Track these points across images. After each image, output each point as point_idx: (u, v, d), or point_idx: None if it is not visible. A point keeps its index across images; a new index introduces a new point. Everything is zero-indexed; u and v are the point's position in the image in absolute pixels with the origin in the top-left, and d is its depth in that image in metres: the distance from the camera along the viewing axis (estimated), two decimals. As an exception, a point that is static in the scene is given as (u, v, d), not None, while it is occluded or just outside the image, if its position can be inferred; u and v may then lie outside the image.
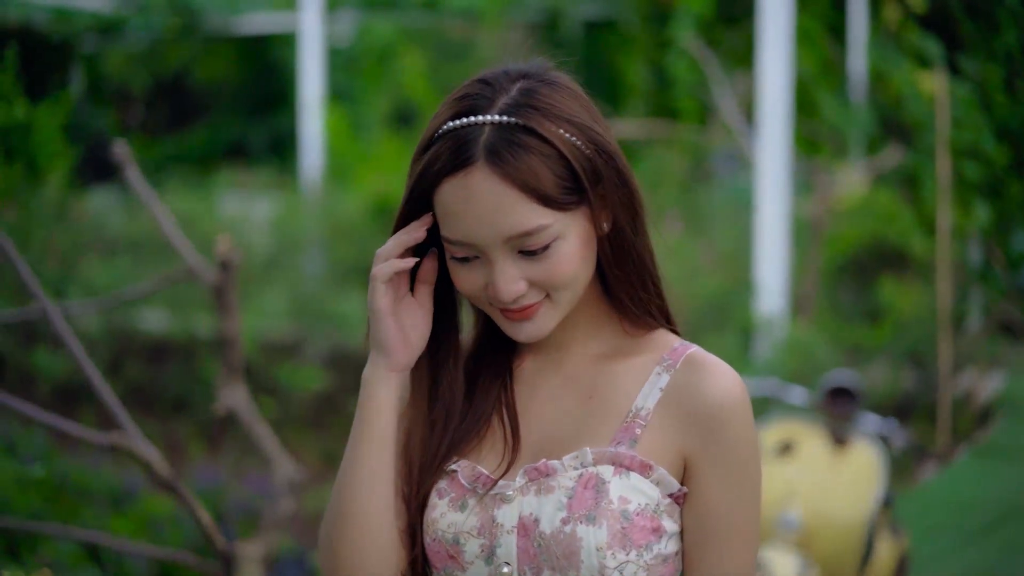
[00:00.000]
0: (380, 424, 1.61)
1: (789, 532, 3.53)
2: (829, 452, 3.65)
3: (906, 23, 7.38)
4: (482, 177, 1.52)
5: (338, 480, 1.62)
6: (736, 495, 1.57)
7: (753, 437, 1.58)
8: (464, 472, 1.61)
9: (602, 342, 1.65)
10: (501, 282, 1.55)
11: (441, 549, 1.60)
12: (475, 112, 1.55)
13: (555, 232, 1.54)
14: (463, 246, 1.56)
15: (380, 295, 1.60)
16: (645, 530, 1.54)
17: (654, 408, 1.58)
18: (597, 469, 1.55)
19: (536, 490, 1.58)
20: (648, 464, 1.56)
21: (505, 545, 1.57)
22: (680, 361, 1.59)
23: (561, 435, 1.61)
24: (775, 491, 3.60)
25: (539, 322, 1.58)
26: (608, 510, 1.53)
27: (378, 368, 1.62)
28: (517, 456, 1.61)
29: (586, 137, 1.55)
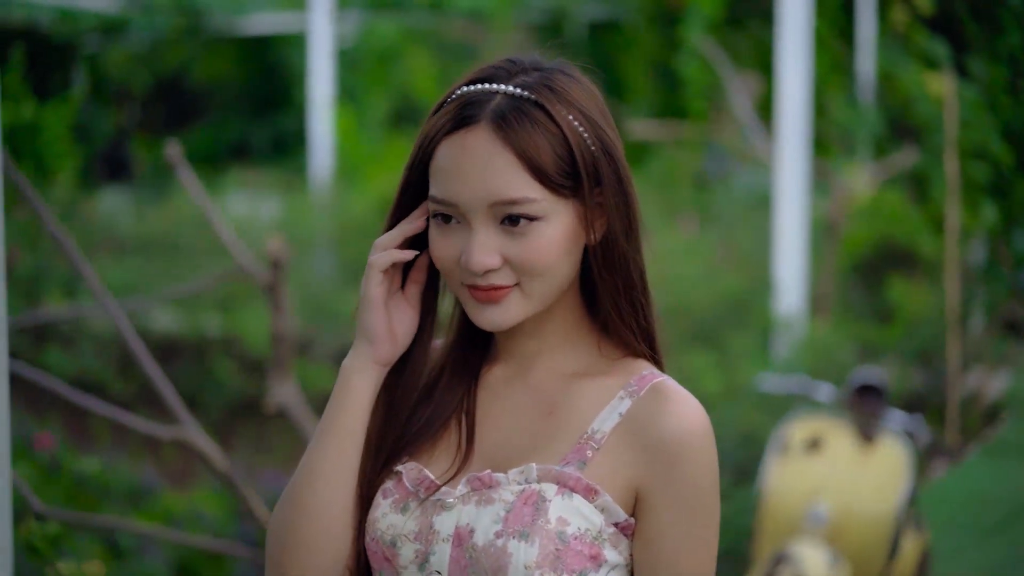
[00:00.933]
0: (352, 417, 1.58)
1: (818, 526, 3.60)
2: (856, 448, 3.72)
3: (914, 25, 7.44)
4: (482, 136, 1.51)
5: (302, 467, 1.58)
6: (688, 532, 1.50)
7: (712, 476, 1.52)
8: (409, 474, 1.58)
9: (573, 359, 1.60)
10: (476, 249, 1.51)
11: (379, 550, 1.57)
12: (491, 81, 1.54)
13: (541, 211, 1.51)
14: (447, 205, 1.53)
15: (375, 283, 1.58)
16: (581, 555, 1.50)
17: (610, 432, 1.53)
18: (540, 486, 1.51)
19: (477, 500, 1.54)
20: (594, 488, 1.51)
21: (439, 553, 1.54)
22: (645, 389, 1.55)
23: (514, 448, 1.57)
24: (803, 486, 3.67)
25: (505, 309, 1.54)
26: (544, 529, 1.49)
27: (360, 358, 1.58)
28: (467, 463, 1.58)
29: (594, 133, 1.53)
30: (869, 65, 7.46)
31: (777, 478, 3.72)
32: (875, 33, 7.58)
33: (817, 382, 4.01)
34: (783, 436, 3.81)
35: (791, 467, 3.71)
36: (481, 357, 1.65)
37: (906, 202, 7.08)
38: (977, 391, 6.60)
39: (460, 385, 1.63)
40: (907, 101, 7.25)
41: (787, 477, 3.71)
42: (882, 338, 6.21)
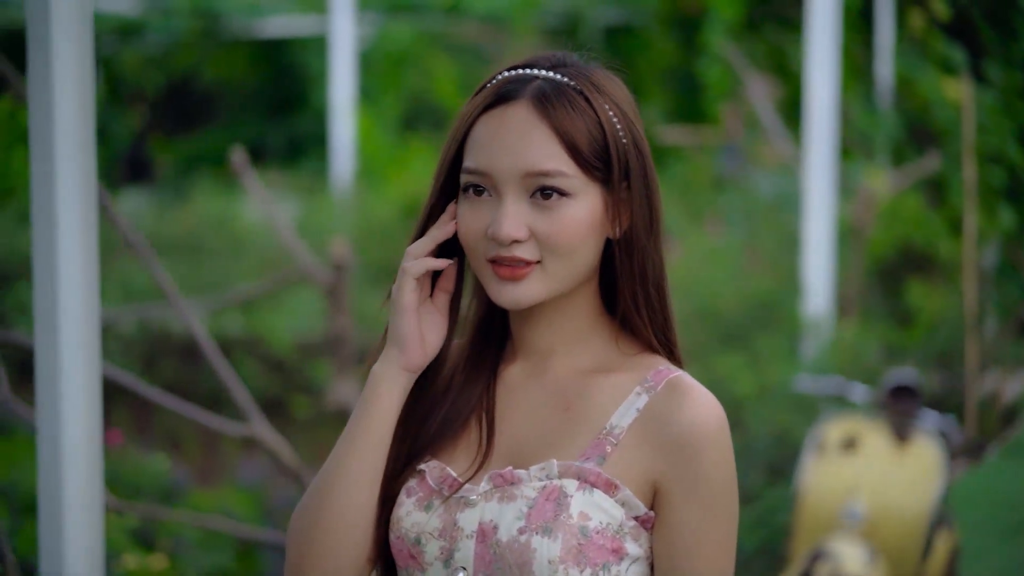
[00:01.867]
0: (381, 423, 1.60)
1: (854, 523, 3.69)
2: (891, 447, 3.81)
3: (931, 31, 7.50)
4: (522, 111, 1.55)
5: (326, 471, 1.60)
6: (707, 525, 1.54)
7: (728, 469, 1.55)
8: (432, 473, 1.61)
9: (590, 355, 1.63)
10: (505, 219, 1.54)
11: (404, 548, 1.60)
12: (532, 67, 1.59)
13: (572, 187, 1.54)
14: (480, 175, 1.56)
15: (408, 290, 1.59)
16: (603, 549, 1.52)
17: (628, 428, 1.56)
18: (561, 482, 1.54)
19: (499, 497, 1.56)
20: (614, 483, 1.54)
21: (463, 549, 1.56)
22: (662, 384, 1.57)
23: (533, 444, 1.60)
24: (840, 484, 3.76)
25: (526, 287, 1.56)
26: (566, 524, 1.52)
27: (391, 365, 1.60)
28: (488, 461, 1.60)
29: (628, 129, 1.58)
30: (887, 70, 7.54)
31: (814, 477, 3.81)
32: (893, 39, 7.65)
33: (852, 383, 4.10)
34: (819, 436, 3.90)
35: (827, 466, 3.80)
36: (497, 355, 1.67)
37: (924, 206, 7.16)
38: (994, 393, 6.67)
39: (478, 383, 1.65)
40: (925, 106, 7.32)
41: (823, 476, 3.80)
42: (902, 340, 6.29)
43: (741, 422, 4.80)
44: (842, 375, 4.75)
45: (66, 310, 2.23)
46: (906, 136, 7.51)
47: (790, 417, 4.59)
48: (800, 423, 4.55)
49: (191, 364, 8.61)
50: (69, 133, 2.20)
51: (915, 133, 7.56)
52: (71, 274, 2.23)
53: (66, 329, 2.23)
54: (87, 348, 2.26)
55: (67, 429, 2.26)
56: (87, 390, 2.25)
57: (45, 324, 2.25)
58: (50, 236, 2.21)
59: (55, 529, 2.27)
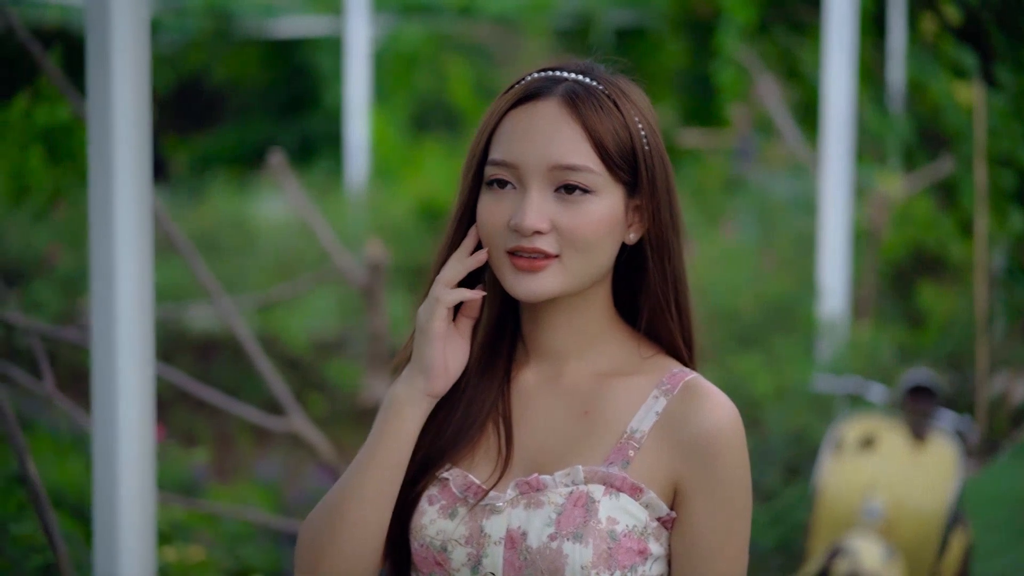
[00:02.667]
0: (401, 445, 1.61)
1: (873, 520, 3.76)
2: (909, 446, 3.88)
3: (942, 35, 7.56)
4: (552, 107, 1.57)
5: (342, 490, 1.61)
6: (724, 525, 1.57)
7: (744, 469, 1.59)
8: (456, 481, 1.62)
9: (604, 359, 1.65)
10: (529, 209, 1.55)
11: (429, 555, 1.61)
12: (562, 70, 1.61)
13: (595, 184, 1.57)
14: (506, 168, 1.57)
15: (439, 318, 1.60)
16: (631, 552, 1.55)
17: (649, 432, 1.58)
18: (588, 488, 1.56)
19: (526, 504, 1.58)
20: (639, 487, 1.56)
21: (492, 556, 1.58)
22: (678, 387, 1.60)
23: (554, 449, 1.61)
24: (858, 482, 3.83)
25: (543, 279, 1.57)
26: (596, 529, 1.53)
27: (415, 389, 1.61)
28: (509, 467, 1.62)
29: (652, 138, 1.61)
30: (899, 74, 7.59)
31: (832, 475, 3.88)
32: (905, 43, 7.70)
33: (869, 382, 4.17)
34: (838, 434, 3.97)
35: (846, 464, 3.87)
36: (510, 359, 1.68)
37: (935, 209, 7.22)
38: (1004, 393, 6.73)
39: (491, 388, 1.66)
40: (936, 110, 7.37)
41: (842, 474, 3.87)
42: (914, 341, 6.36)
43: (759, 421, 4.86)
44: (858, 375, 4.82)
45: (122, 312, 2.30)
46: (917, 139, 7.57)
47: (807, 417, 4.66)
48: (817, 423, 4.61)
49: (205, 363, 8.68)
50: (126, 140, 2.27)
51: (926, 137, 7.61)
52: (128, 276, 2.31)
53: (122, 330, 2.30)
54: (142, 348, 2.33)
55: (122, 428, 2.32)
56: (141, 390, 2.33)
57: (102, 325, 2.31)
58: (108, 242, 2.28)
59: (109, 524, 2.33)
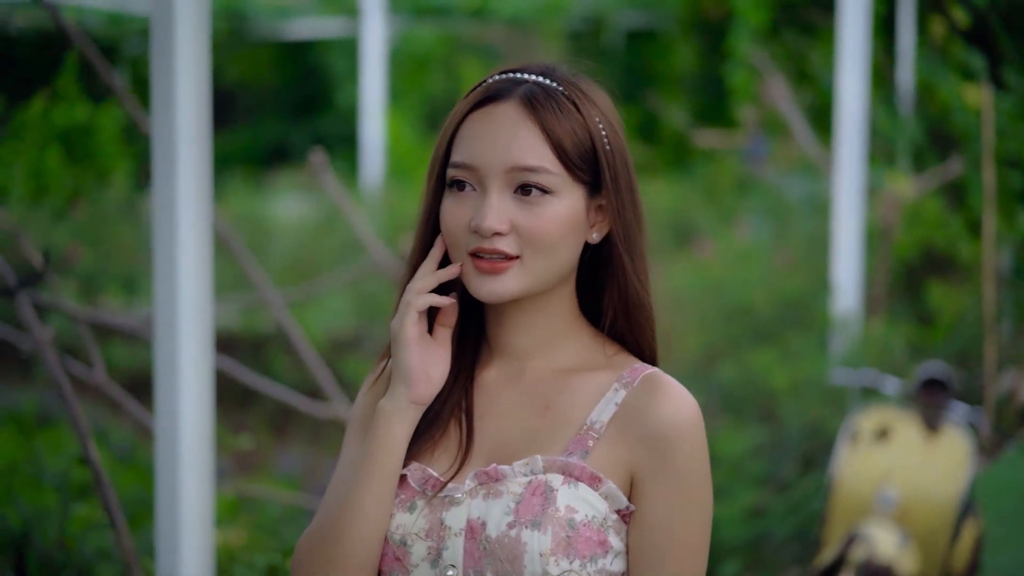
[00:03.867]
0: (393, 457, 1.60)
1: (887, 509, 3.89)
2: (922, 437, 4.01)
3: (951, 38, 7.66)
4: (510, 109, 1.58)
5: (334, 506, 1.61)
6: (681, 517, 1.55)
7: (703, 463, 1.57)
8: (414, 474, 1.61)
9: (566, 356, 1.65)
10: (488, 211, 1.56)
11: (388, 551, 1.60)
12: (523, 72, 1.62)
13: (554, 184, 1.57)
14: (466, 170, 1.58)
15: (411, 323, 1.60)
16: (591, 541, 1.54)
17: (608, 423, 1.58)
18: (547, 477, 1.56)
19: (485, 494, 1.57)
20: (598, 476, 1.56)
21: (452, 547, 1.57)
22: (638, 380, 1.60)
23: (514, 443, 1.61)
24: (874, 472, 3.96)
25: (504, 281, 1.58)
26: (554, 517, 1.53)
27: (399, 400, 1.60)
28: (469, 460, 1.62)
29: (614, 138, 1.61)
30: (909, 76, 7.69)
31: (848, 465, 4.00)
32: (914, 45, 7.81)
33: (885, 375, 4.29)
34: (853, 426, 4.09)
35: (861, 455, 4.00)
36: (473, 359, 1.68)
37: (944, 209, 7.33)
38: (1012, 391, 6.84)
39: (454, 386, 1.66)
40: (945, 111, 7.48)
41: (857, 464, 3.99)
42: (924, 339, 6.47)
43: (774, 415, 5.00)
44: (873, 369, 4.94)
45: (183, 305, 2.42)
46: (927, 141, 7.68)
47: (821, 410, 4.79)
48: (831, 416, 4.74)
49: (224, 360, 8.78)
50: (189, 140, 2.40)
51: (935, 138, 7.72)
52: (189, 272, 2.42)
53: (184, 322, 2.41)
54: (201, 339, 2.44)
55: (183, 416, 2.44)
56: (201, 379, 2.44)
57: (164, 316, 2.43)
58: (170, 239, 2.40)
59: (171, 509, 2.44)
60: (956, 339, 6.56)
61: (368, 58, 9.53)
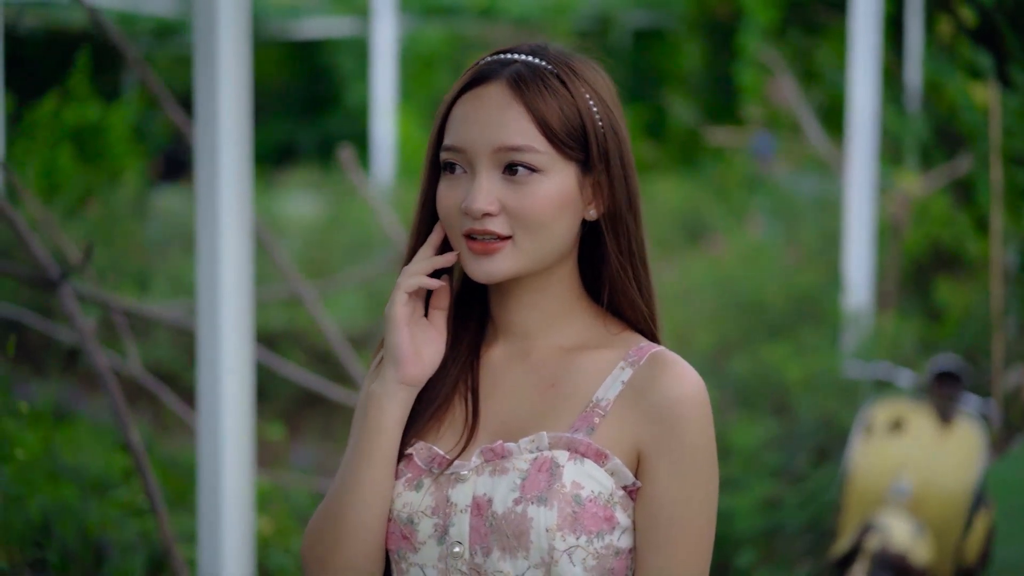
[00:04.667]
0: (385, 438, 1.61)
1: (902, 499, 3.97)
2: (936, 429, 4.08)
3: (958, 36, 7.72)
4: (497, 90, 1.58)
5: (336, 490, 1.62)
6: (687, 493, 1.56)
7: (708, 439, 1.58)
8: (420, 453, 1.62)
9: (572, 334, 1.65)
10: (476, 193, 1.56)
11: (396, 530, 1.61)
12: (513, 52, 1.62)
13: (541, 163, 1.57)
14: (455, 152, 1.59)
15: (400, 304, 1.61)
16: (597, 517, 1.55)
17: (614, 400, 1.59)
18: (552, 453, 1.56)
19: (491, 471, 1.58)
20: (603, 453, 1.56)
21: (458, 524, 1.58)
22: (645, 358, 1.61)
23: (521, 420, 1.62)
24: (888, 463, 4.04)
25: (498, 261, 1.58)
26: (560, 493, 1.54)
27: (388, 382, 1.61)
28: (474, 437, 1.62)
29: (606, 114, 1.61)
30: (916, 75, 7.76)
31: (862, 456, 4.08)
32: (922, 44, 7.87)
33: (898, 368, 4.37)
34: (867, 418, 4.16)
35: (875, 446, 4.07)
36: (477, 337, 1.69)
37: (952, 206, 7.40)
38: (1018, 386, 6.90)
39: (459, 364, 1.66)
40: (953, 109, 7.54)
41: (872, 455, 4.07)
42: (933, 335, 6.54)
43: (787, 408, 5.08)
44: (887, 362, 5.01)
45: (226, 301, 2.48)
46: (934, 139, 7.74)
47: (834, 403, 4.86)
48: (843, 408, 4.82)
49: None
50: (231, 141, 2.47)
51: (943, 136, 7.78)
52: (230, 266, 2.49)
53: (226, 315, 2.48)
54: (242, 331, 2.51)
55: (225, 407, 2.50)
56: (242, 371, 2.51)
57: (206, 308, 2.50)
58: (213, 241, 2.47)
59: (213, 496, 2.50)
60: (964, 335, 6.62)
61: (379, 57, 9.60)
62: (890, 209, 6.35)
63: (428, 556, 1.59)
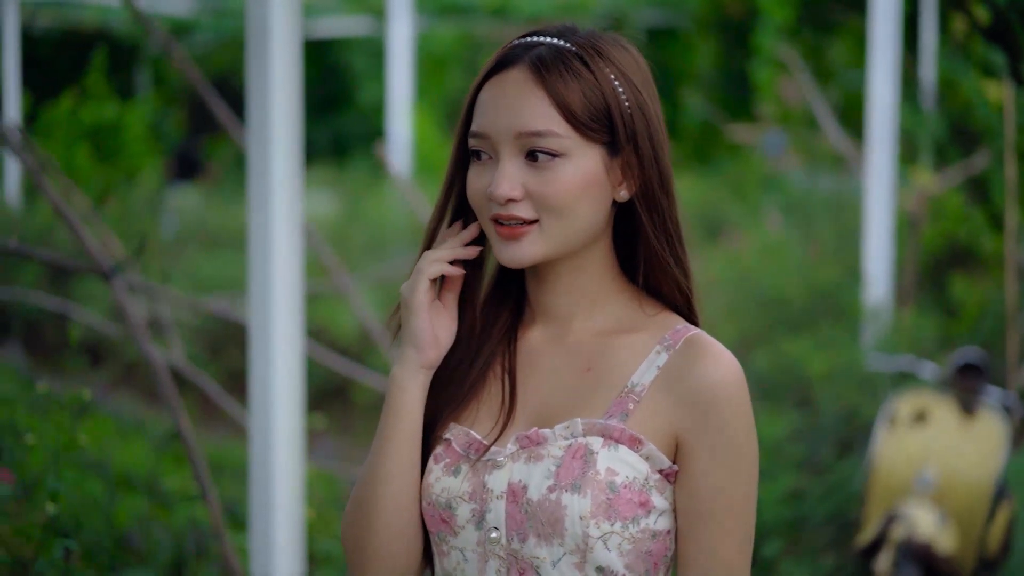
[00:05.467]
0: (410, 420, 1.63)
1: (926, 489, 4.04)
2: (959, 420, 4.15)
3: (972, 35, 7.77)
4: (519, 75, 1.58)
5: (366, 473, 1.63)
6: (727, 477, 1.56)
7: (747, 422, 1.58)
8: (458, 439, 1.63)
9: (608, 317, 1.65)
10: (500, 179, 1.56)
11: (435, 513, 1.62)
12: (539, 35, 1.61)
13: (563, 147, 1.57)
14: (480, 139, 1.59)
15: (422, 290, 1.61)
16: (632, 503, 1.55)
17: (649, 385, 1.59)
18: (586, 440, 1.56)
19: (526, 457, 1.59)
20: (638, 438, 1.56)
21: (495, 510, 1.59)
22: (680, 342, 1.60)
23: (556, 405, 1.62)
24: (912, 454, 4.11)
25: (524, 246, 1.58)
26: (594, 480, 1.54)
27: (409, 364, 1.62)
28: (511, 422, 1.63)
29: (633, 95, 1.59)
30: (931, 73, 7.80)
31: (886, 447, 4.15)
32: (936, 42, 7.92)
33: (921, 360, 4.44)
34: (891, 410, 4.23)
35: (899, 437, 4.14)
36: (514, 319, 1.69)
37: (967, 203, 7.46)
38: (1034, 381, 6.96)
39: (497, 346, 1.67)
40: (967, 107, 7.60)
41: (895, 446, 4.14)
42: (949, 329, 6.60)
43: (809, 401, 5.15)
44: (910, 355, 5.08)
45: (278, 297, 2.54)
46: (949, 136, 7.79)
47: (856, 396, 4.94)
48: (866, 401, 4.89)
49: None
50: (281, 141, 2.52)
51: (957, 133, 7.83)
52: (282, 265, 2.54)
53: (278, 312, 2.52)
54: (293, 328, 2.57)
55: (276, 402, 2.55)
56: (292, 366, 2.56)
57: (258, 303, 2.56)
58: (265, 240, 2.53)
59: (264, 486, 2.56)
60: (979, 331, 6.68)
61: (395, 57, 9.66)
62: (908, 206, 6.41)
63: (467, 540, 1.61)
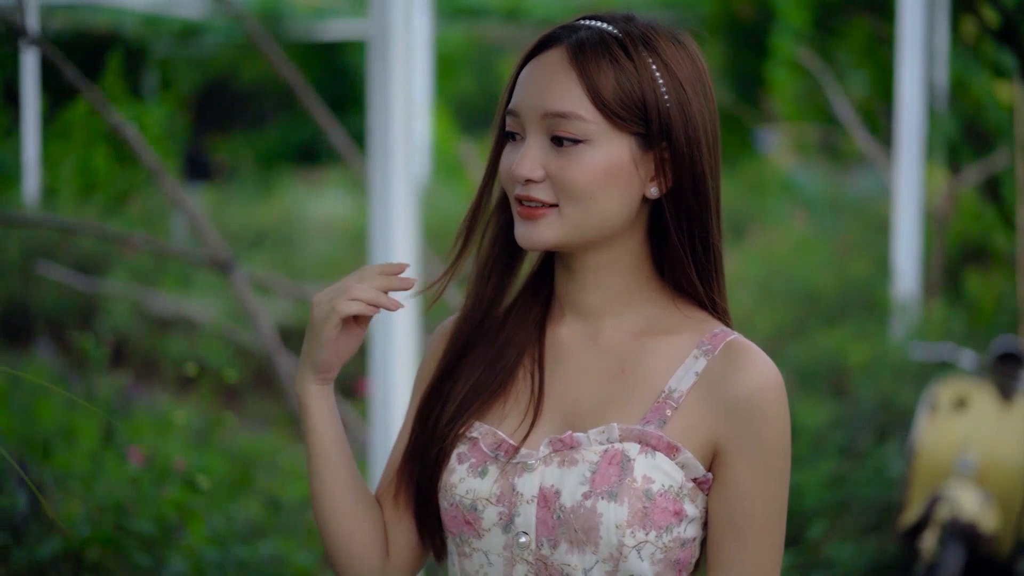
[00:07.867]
0: (324, 433, 1.60)
1: (968, 471, 4.24)
2: (997, 406, 4.35)
3: (983, 37, 7.95)
4: (556, 55, 1.53)
5: (313, 504, 1.63)
6: (764, 487, 1.53)
7: (785, 431, 1.54)
8: (485, 439, 1.58)
9: (642, 317, 1.60)
10: (522, 158, 1.53)
11: (458, 514, 1.58)
12: (591, 19, 1.56)
13: (588, 133, 1.52)
14: (513, 116, 1.55)
15: (332, 326, 1.56)
16: (667, 512, 1.51)
17: (687, 392, 1.54)
18: (623, 446, 1.52)
19: (559, 461, 1.54)
20: (675, 446, 1.52)
21: (524, 514, 1.54)
22: (719, 347, 1.56)
23: (588, 407, 1.57)
24: (952, 438, 4.31)
25: (541, 228, 1.54)
26: (631, 488, 1.50)
27: (308, 383, 1.60)
28: (539, 419, 1.58)
29: (675, 90, 1.53)
30: (943, 74, 7.98)
31: (928, 432, 4.35)
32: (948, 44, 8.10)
33: (962, 349, 4.64)
34: (932, 396, 4.43)
35: (940, 423, 4.34)
36: (544, 313, 1.65)
37: (980, 201, 7.66)
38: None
39: (526, 344, 1.63)
40: (979, 108, 7.79)
41: (937, 431, 4.33)
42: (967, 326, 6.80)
43: (845, 390, 5.37)
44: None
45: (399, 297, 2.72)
46: (961, 136, 7.98)
47: (893, 384, 5.14)
48: (902, 389, 5.09)
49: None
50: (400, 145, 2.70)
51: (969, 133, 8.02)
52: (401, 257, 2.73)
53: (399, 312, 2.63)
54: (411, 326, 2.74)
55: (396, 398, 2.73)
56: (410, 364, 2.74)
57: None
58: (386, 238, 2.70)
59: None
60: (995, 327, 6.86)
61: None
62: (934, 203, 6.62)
63: (493, 543, 1.56)
